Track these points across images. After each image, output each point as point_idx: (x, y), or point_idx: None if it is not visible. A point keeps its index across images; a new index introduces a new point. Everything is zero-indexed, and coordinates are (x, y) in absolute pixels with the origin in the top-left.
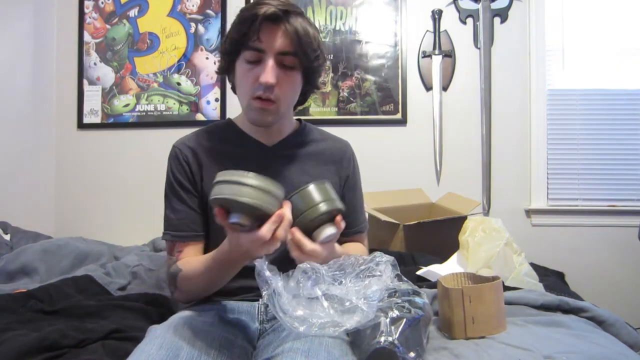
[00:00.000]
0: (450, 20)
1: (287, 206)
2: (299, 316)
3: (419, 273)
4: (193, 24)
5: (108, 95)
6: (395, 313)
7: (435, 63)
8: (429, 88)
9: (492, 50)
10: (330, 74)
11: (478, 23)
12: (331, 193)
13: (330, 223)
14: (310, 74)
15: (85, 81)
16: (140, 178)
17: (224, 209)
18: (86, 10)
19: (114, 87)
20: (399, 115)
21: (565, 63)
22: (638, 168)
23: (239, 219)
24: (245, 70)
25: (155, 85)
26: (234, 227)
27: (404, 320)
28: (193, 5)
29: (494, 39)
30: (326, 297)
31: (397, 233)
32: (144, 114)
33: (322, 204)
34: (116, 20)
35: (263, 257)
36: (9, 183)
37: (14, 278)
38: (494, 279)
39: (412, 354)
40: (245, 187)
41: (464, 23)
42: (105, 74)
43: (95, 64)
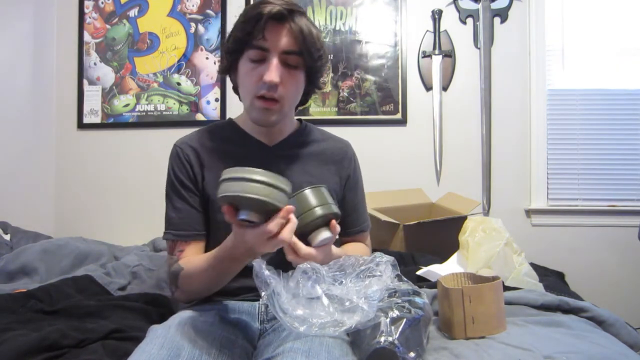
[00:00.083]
0: (450, 20)
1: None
2: (299, 316)
3: (419, 273)
4: (193, 24)
5: (108, 95)
6: (395, 313)
7: (435, 63)
8: (429, 88)
9: (492, 50)
10: (330, 74)
11: (478, 23)
12: (327, 197)
13: (326, 227)
14: (313, 74)
15: (85, 81)
16: (140, 178)
17: (232, 207)
18: (86, 10)
19: (114, 87)
20: (399, 115)
21: (565, 63)
22: (638, 168)
23: (248, 215)
24: (249, 69)
25: (155, 85)
26: (242, 224)
27: (404, 320)
28: (193, 5)
29: (494, 39)
30: (326, 297)
31: (397, 233)
32: (144, 114)
33: (318, 208)
34: (116, 20)
35: (260, 258)
36: (9, 183)
37: (14, 278)
38: (494, 279)
39: (412, 354)
40: (254, 183)
41: (464, 23)
42: (105, 74)
43: (95, 64)
